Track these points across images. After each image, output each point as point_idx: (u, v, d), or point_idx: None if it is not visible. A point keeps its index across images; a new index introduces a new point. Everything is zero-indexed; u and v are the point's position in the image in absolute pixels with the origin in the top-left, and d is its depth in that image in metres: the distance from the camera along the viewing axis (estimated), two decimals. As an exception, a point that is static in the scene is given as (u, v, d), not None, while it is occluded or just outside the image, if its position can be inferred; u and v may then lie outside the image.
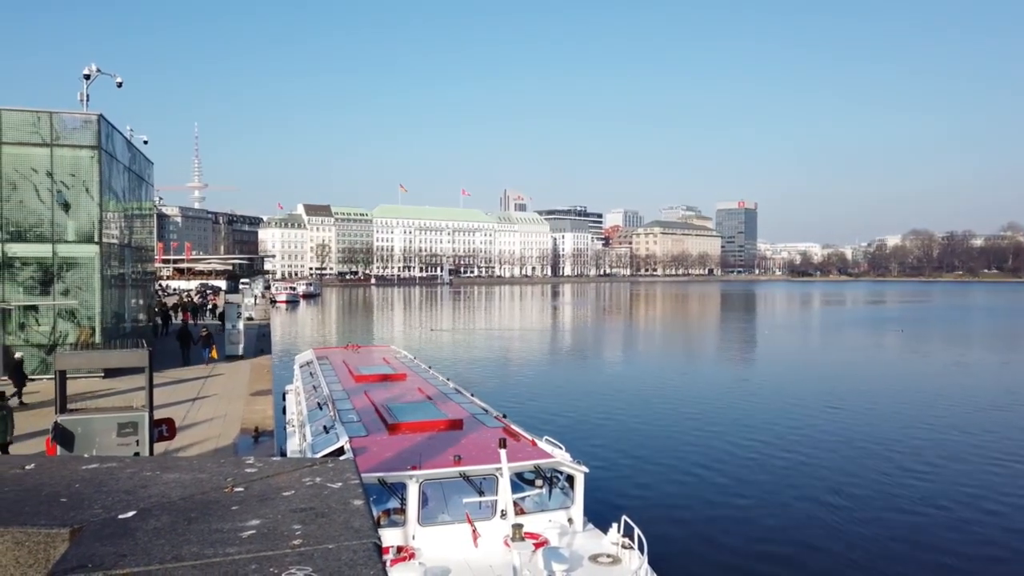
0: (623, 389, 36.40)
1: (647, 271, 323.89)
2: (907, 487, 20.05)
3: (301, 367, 22.40)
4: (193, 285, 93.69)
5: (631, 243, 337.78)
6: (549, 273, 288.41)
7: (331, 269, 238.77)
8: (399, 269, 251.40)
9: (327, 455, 10.46)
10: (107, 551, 2.21)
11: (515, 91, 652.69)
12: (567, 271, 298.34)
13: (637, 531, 10.07)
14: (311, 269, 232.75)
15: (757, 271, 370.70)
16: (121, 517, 2.53)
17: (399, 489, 10.45)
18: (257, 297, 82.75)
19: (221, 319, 37.84)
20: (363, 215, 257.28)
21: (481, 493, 10.71)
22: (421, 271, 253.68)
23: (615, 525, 10.63)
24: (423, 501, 10.54)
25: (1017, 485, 20.62)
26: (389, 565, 9.32)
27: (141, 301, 35.90)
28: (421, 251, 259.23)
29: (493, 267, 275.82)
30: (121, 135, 30.31)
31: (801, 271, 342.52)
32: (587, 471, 11.48)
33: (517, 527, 9.39)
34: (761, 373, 45.10)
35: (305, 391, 18.36)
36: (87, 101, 28.70)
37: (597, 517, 11.93)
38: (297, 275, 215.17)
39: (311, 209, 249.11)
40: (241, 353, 31.03)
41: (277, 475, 3.05)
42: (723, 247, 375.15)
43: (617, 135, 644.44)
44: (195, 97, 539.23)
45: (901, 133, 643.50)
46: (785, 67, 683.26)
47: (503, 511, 10.48)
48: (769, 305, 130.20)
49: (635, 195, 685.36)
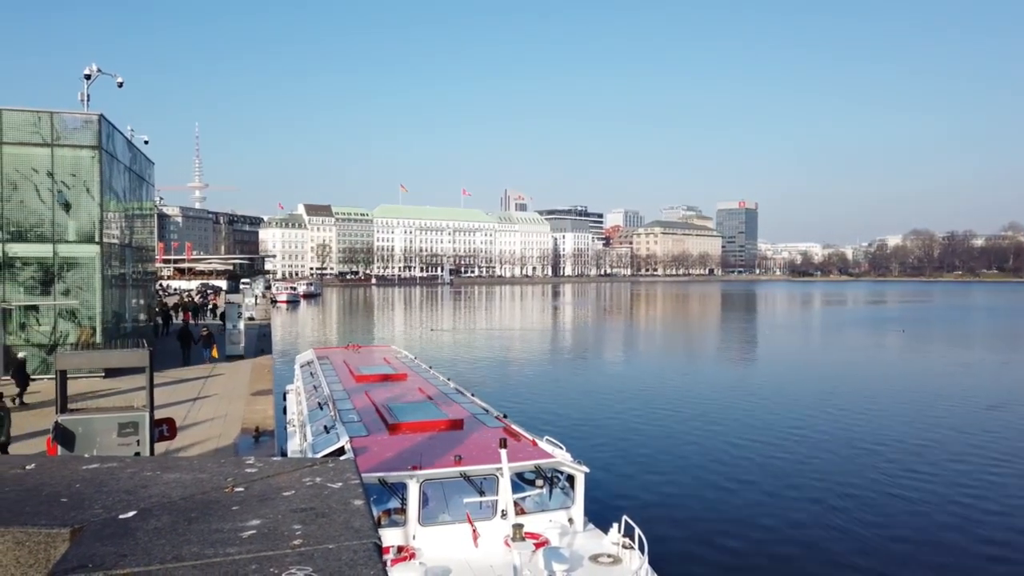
0: (624, 389, 36.38)
1: (648, 271, 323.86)
2: (907, 487, 20.04)
3: (302, 367, 22.39)
4: (194, 285, 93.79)
5: (632, 243, 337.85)
6: (550, 273, 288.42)
7: (332, 269, 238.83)
8: (400, 269, 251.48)
9: (327, 455, 10.46)
10: (108, 551, 2.21)
11: (515, 91, 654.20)
12: (568, 271, 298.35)
13: (638, 531, 10.06)
14: (312, 269, 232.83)
15: (758, 271, 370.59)
16: (122, 517, 2.53)
17: (399, 489, 10.44)
18: (258, 297, 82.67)
19: (222, 319, 37.86)
20: (364, 215, 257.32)
21: (482, 493, 10.70)
22: (422, 271, 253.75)
23: (616, 525, 10.61)
24: (423, 501, 10.53)
25: (1017, 485, 20.62)
26: (389, 565, 9.32)
27: (142, 301, 35.93)
28: (422, 251, 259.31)
29: (494, 267, 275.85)
30: (122, 135, 30.32)
31: (802, 271, 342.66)
32: (587, 471, 11.46)
33: (518, 527, 9.38)
34: (761, 373, 45.09)
35: (306, 391, 18.35)
36: (88, 101, 28.75)
37: (598, 517, 11.92)
38: (298, 275, 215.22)
39: (312, 209, 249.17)
40: (242, 353, 31.07)
41: (277, 475, 3.05)
42: (724, 247, 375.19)
43: (617, 135, 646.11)
44: (195, 97, 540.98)
45: (901, 133, 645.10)
46: (785, 67, 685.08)
47: (504, 511, 10.47)
48: (770, 305, 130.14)
49: (636, 195, 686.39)
